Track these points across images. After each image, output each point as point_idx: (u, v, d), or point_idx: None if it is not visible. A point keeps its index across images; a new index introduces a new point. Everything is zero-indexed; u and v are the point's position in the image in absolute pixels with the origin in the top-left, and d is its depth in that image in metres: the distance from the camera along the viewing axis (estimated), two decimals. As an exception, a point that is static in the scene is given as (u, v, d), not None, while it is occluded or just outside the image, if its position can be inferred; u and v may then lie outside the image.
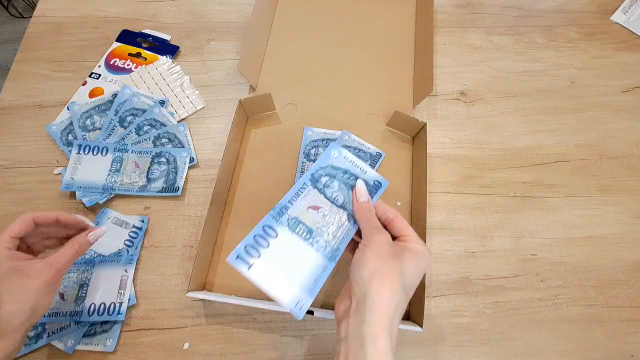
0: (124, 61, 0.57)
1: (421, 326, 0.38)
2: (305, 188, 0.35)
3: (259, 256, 0.32)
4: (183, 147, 0.51)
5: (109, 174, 0.48)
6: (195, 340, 0.42)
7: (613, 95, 0.56)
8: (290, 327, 0.42)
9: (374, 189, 0.36)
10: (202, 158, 0.51)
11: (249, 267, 0.31)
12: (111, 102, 0.53)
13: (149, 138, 0.51)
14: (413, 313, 0.42)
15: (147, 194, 0.48)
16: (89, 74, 0.56)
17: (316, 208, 0.35)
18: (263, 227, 0.33)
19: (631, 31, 0.61)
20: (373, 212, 0.33)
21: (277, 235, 0.33)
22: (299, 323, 0.43)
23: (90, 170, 0.48)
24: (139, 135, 0.51)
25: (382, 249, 0.30)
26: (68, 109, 0.53)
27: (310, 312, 0.39)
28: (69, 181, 0.47)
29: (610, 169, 0.51)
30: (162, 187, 0.48)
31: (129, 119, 0.52)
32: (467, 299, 0.44)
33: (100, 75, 0.56)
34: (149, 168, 0.49)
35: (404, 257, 0.30)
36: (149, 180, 0.49)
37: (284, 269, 0.32)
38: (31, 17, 0.61)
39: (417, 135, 0.51)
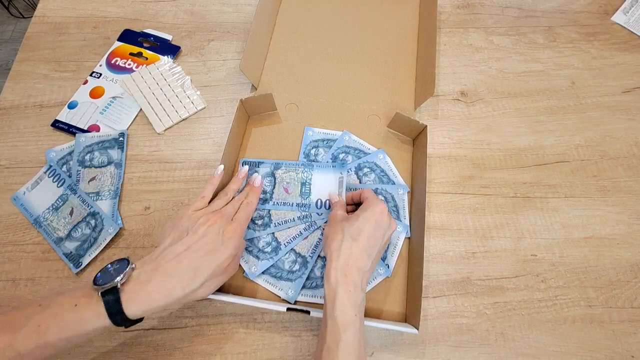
0: (125, 60, 0.57)
1: (417, 328, 0.38)
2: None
3: None
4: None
5: (47, 209, 0.47)
6: (195, 340, 0.42)
7: (613, 96, 0.56)
8: (291, 328, 0.42)
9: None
10: (202, 158, 0.51)
11: None
12: (116, 139, 0.51)
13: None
14: (409, 315, 0.42)
15: (54, 248, 0.45)
16: (90, 73, 0.56)
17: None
18: None
19: (632, 32, 0.61)
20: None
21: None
22: (299, 323, 0.43)
23: (39, 196, 0.48)
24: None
25: (333, 221, 0.40)
26: (68, 107, 0.53)
27: (307, 312, 0.39)
28: (20, 195, 0.48)
29: (611, 170, 0.51)
30: (70, 252, 0.45)
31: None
32: (467, 300, 0.44)
33: (101, 74, 0.56)
34: (77, 223, 0.46)
35: (354, 214, 0.39)
36: (68, 235, 0.46)
37: None
38: (32, 17, 0.61)
39: (417, 137, 0.51)
